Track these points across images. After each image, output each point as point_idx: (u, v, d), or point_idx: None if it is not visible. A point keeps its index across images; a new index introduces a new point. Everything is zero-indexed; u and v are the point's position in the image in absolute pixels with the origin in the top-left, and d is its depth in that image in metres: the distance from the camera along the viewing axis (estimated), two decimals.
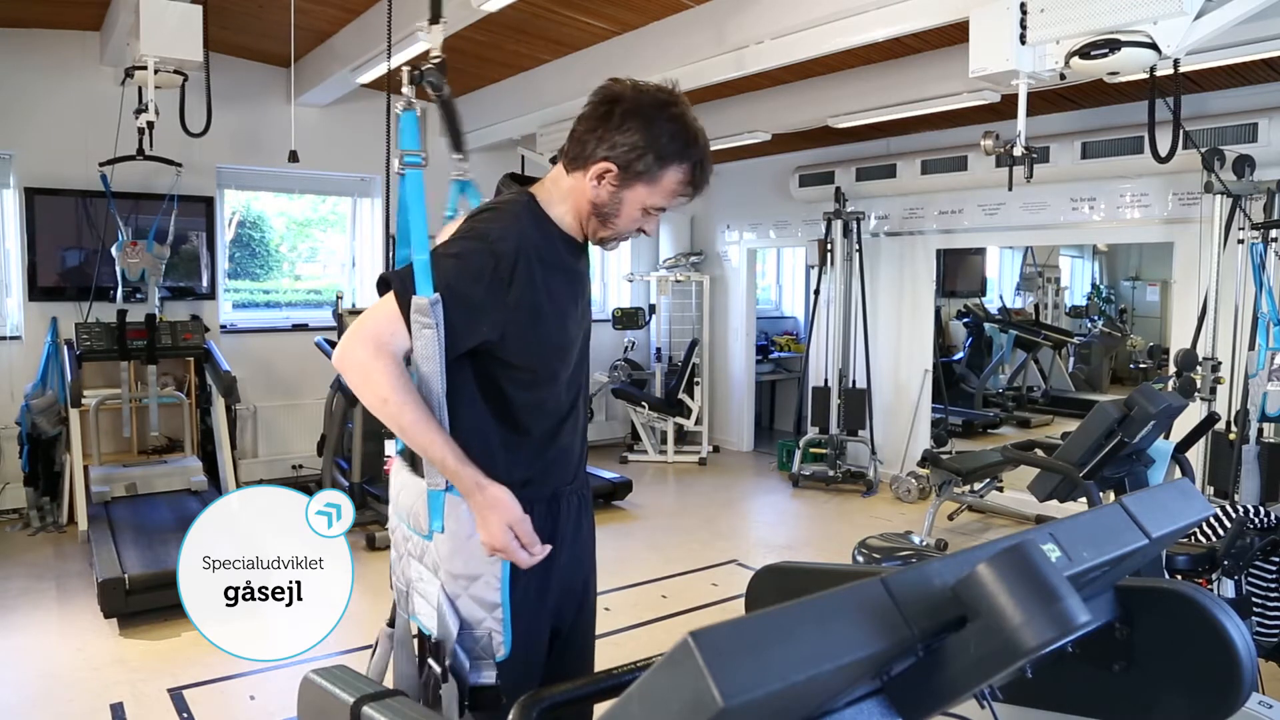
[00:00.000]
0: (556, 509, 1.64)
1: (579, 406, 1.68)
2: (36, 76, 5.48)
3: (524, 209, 1.58)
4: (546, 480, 1.62)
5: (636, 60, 4.82)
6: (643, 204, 1.58)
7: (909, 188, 6.31)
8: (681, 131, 1.54)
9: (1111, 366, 9.01)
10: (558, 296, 1.57)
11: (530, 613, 1.56)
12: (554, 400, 1.62)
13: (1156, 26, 2.79)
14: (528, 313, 1.51)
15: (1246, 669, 1.01)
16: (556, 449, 1.64)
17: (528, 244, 1.52)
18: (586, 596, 1.74)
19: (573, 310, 1.63)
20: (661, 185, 1.56)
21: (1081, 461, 3.04)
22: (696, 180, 1.58)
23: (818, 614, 0.72)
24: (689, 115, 1.55)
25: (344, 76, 5.34)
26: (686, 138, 1.54)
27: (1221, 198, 4.33)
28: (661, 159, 1.53)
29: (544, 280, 1.54)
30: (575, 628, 1.72)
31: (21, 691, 3.31)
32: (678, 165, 1.55)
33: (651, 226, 1.64)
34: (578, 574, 1.70)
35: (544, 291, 1.53)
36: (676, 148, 1.54)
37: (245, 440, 6.30)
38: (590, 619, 1.76)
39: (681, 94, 1.57)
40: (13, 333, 5.66)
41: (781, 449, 7.18)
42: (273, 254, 7.09)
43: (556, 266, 1.58)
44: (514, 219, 1.55)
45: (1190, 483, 1.57)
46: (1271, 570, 2.62)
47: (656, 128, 1.52)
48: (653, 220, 1.63)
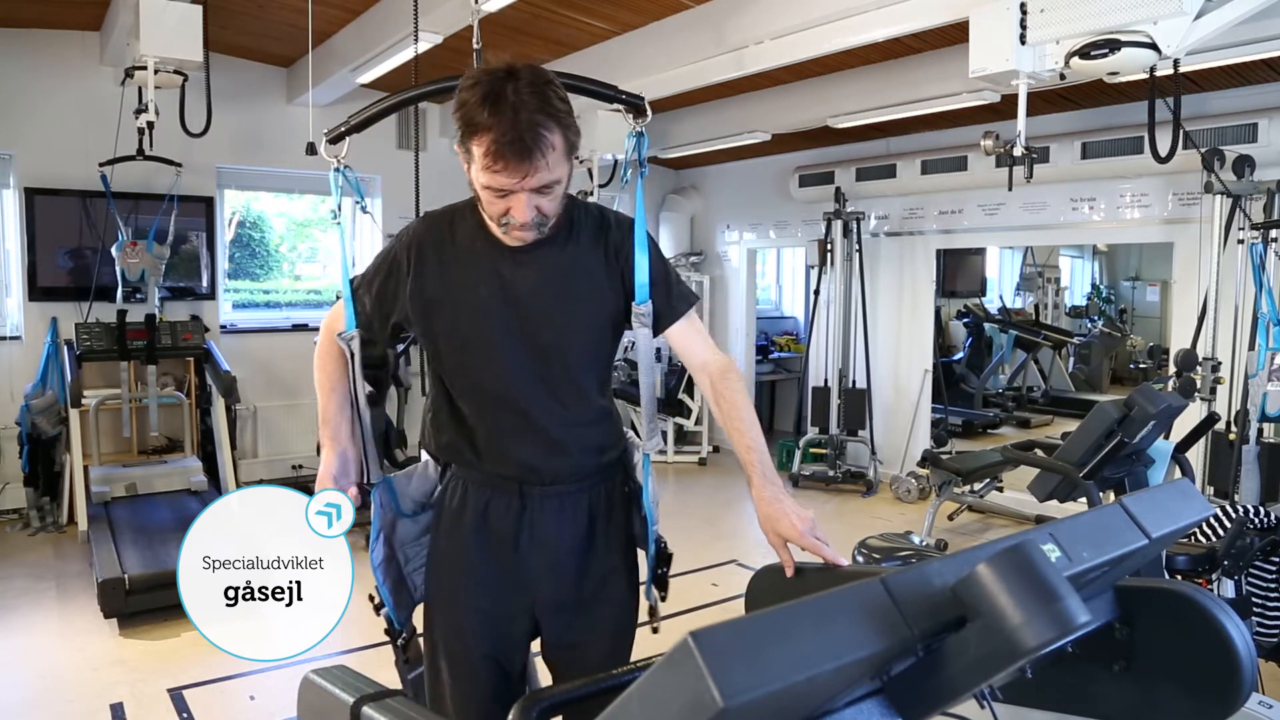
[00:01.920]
0: (500, 504, 1.64)
1: (529, 409, 1.62)
2: (36, 76, 5.48)
3: (449, 208, 1.69)
4: (478, 465, 1.66)
5: (636, 60, 4.82)
6: (480, 183, 1.51)
7: (909, 188, 6.31)
8: (481, 98, 1.43)
9: (1111, 366, 9.02)
10: (463, 289, 1.61)
11: (445, 593, 1.71)
12: (479, 393, 1.64)
13: (1156, 26, 2.79)
14: (421, 302, 1.63)
15: (1246, 669, 1.01)
16: (493, 443, 1.64)
17: (427, 238, 1.65)
18: (580, 607, 1.68)
19: (493, 305, 1.60)
20: (477, 161, 1.47)
21: (1081, 461, 3.04)
22: (495, 151, 1.43)
23: (818, 614, 0.72)
24: (495, 82, 1.44)
25: (344, 76, 5.33)
26: (485, 104, 1.43)
27: (1221, 198, 4.33)
28: (467, 131, 1.47)
29: (441, 272, 1.62)
30: (570, 638, 1.69)
31: (21, 691, 3.31)
32: (479, 138, 1.45)
33: (513, 212, 1.50)
34: (535, 575, 1.65)
35: (438, 282, 1.62)
36: (469, 117, 1.45)
37: (245, 440, 6.30)
38: (593, 634, 1.70)
39: (501, 64, 1.48)
40: (13, 333, 5.66)
41: (781, 449, 7.18)
42: (272, 254, 7.09)
43: (468, 261, 1.61)
44: (425, 218, 1.71)
45: (1190, 483, 1.57)
46: (1271, 570, 2.62)
47: (461, 96, 1.47)
48: (502, 205, 1.50)
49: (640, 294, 1.64)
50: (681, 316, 1.69)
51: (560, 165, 1.49)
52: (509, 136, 1.42)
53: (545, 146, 1.44)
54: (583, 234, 1.65)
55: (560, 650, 1.72)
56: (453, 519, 1.69)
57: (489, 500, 1.66)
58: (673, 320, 1.68)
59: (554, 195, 1.53)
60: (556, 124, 1.46)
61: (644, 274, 1.64)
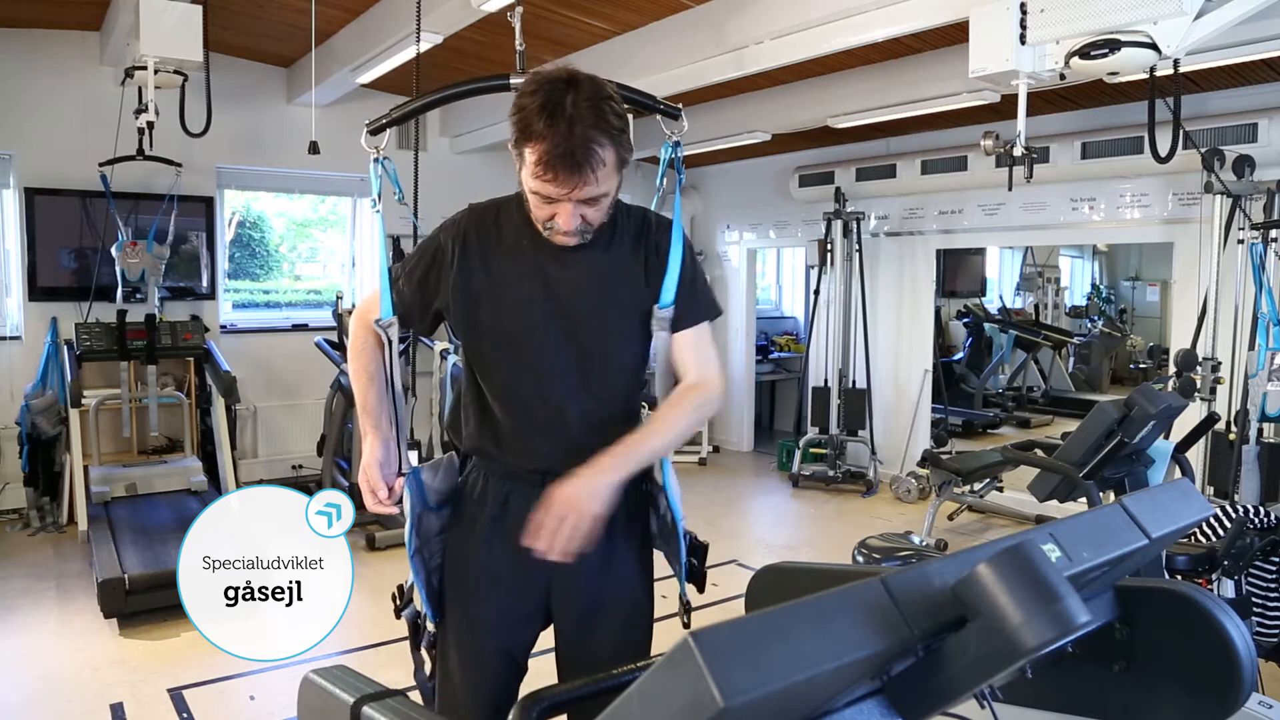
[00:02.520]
0: (520, 497, 1.64)
1: (564, 406, 1.63)
2: (36, 76, 5.48)
3: (494, 202, 1.70)
4: (501, 458, 1.67)
5: (636, 60, 4.82)
6: (529, 187, 1.53)
7: (909, 188, 6.31)
8: (540, 106, 1.45)
9: (1111, 366, 9.01)
10: (503, 282, 1.63)
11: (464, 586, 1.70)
12: (514, 387, 1.65)
13: (1156, 26, 2.79)
14: (463, 294, 1.64)
15: (1246, 669, 1.01)
16: (520, 437, 1.64)
17: (472, 231, 1.66)
18: (594, 605, 1.68)
19: (535, 302, 1.62)
20: (529, 166, 1.49)
21: (1081, 461, 3.04)
22: (547, 162, 1.45)
23: (818, 614, 0.72)
24: (555, 91, 1.46)
25: (344, 76, 5.33)
26: (542, 113, 1.44)
27: (1221, 198, 4.33)
28: (521, 137, 1.49)
29: (485, 266, 1.64)
30: (583, 638, 1.69)
31: (21, 691, 3.31)
32: (532, 145, 1.47)
33: (559, 219, 1.53)
34: (551, 572, 1.63)
35: (483, 275, 1.64)
36: (525, 123, 1.47)
37: (245, 440, 6.30)
38: (607, 636, 1.69)
39: (563, 72, 1.50)
40: (13, 333, 5.66)
41: (781, 449, 7.18)
42: (272, 254, 7.09)
43: (513, 257, 1.63)
44: (470, 211, 1.70)
45: (1190, 483, 1.57)
46: (1271, 570, 2.62)
47: (520, 101, 1.49)
48: (548, 210, 1.53)
49: (665, 297, 1.65)
50: (695, 325, 1.68)
51: (609, 179, 1.52)
52: (561, 149, 1.45)
53: (596, 162, 1.47)
54: (626, 237, 1.67)
55: (572, 647, 1.72)
56: (473, 510, 1.69)
57: (509, 492, 1.66)
58: (686, 325, 1.67)
59: (600, 206, 1.56)
60: (610, 140, 1.49)
61: (674, 277, 1.65)
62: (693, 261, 1.70)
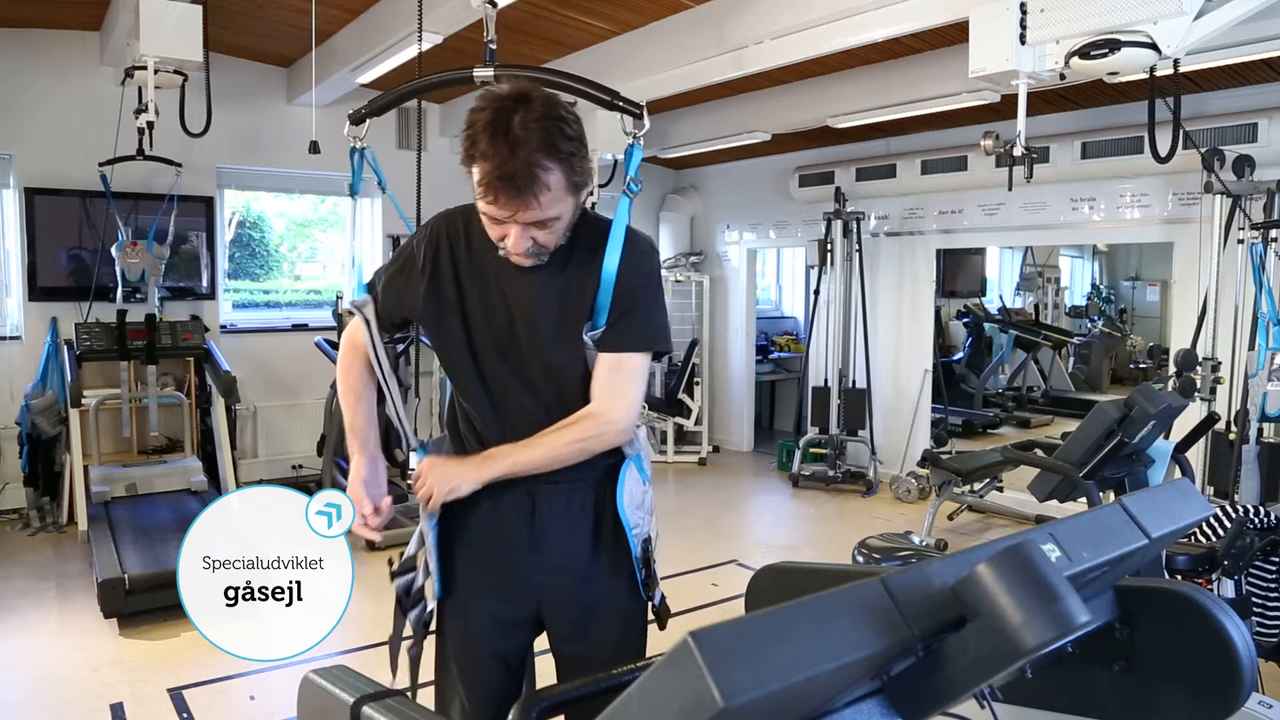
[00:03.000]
0: (510, 499, 1.63)
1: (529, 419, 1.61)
2: (36, 76, 5.48)
3: (468, 208, 1.63)
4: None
5: (636, 60, 4.82)
6: (479, 208, 1.50)
7: (909, 188, 6.31)
8: (485, 124, 1.41)
9: (1111, 366, 9.01)
10: (472, 298, 1.62)
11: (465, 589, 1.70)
12: (484, 398, 1.64)
13: (1156, 26, 2.79)
14: (433, 302, 1.64)
15: (1246, 669, 1.01)
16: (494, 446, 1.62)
17: (444, 240, 1.64)
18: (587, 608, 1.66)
19: (498, 317, 1.60)
20: (475, 186, 1.46)
21: (1081, 461, 3.04)
22: (488, 184, 1.42)
23: (818, 614, 0.72)
24: (503, 110, 1.41)
25: (344, 76, 5.34)
26: (486, 131, 1.41)
27: (1221, 198, 4.33)
28: (466, 155, 1.46)
29: (454, 275, 1.63)
30: (578, 640, 1.68)
31: (21, 691, 3.31)
32: (476, 164, 1.44)
33: (508, 241, 1.49)
34: (543, 576, 1.65)
35: (451, 286, 1.63)
36: (471, 140, 1.44)
37: (245, 440, 6.30)
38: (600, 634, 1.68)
39: (517, 89, 1.45)
40: (13, 333, 5.66)
41: (781, 449, 7.18)
42: (272, 254, 7.09)
43: (478, 270, 1.62)
44: (444, 217, 1.68)
45: (1190, 483, 1.57)
46: (1271, 570, 2.62)
47: (470, 117, 1.46)
48: (498, 231, 1.50)
49: (597, 318, 1.58)
50: (618, 352, 1.59)
51: (558, 203, 1.47)
52: (502, 172, 1.41)
53: (539, 187, 1.42)
54: (582, 254, 1.60)
55: (567, 649, 1.71)
56: (462, 515, 1.67)
57: (497, 500, 1.64)
58: (607, 349, 1.59)
59: (552, 229, 1.51)
60: (557, 163, 1.43)
61: (606, 295, 1.57)
62: (639, 286, 1.60)
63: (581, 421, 1.58)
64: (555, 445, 1.58)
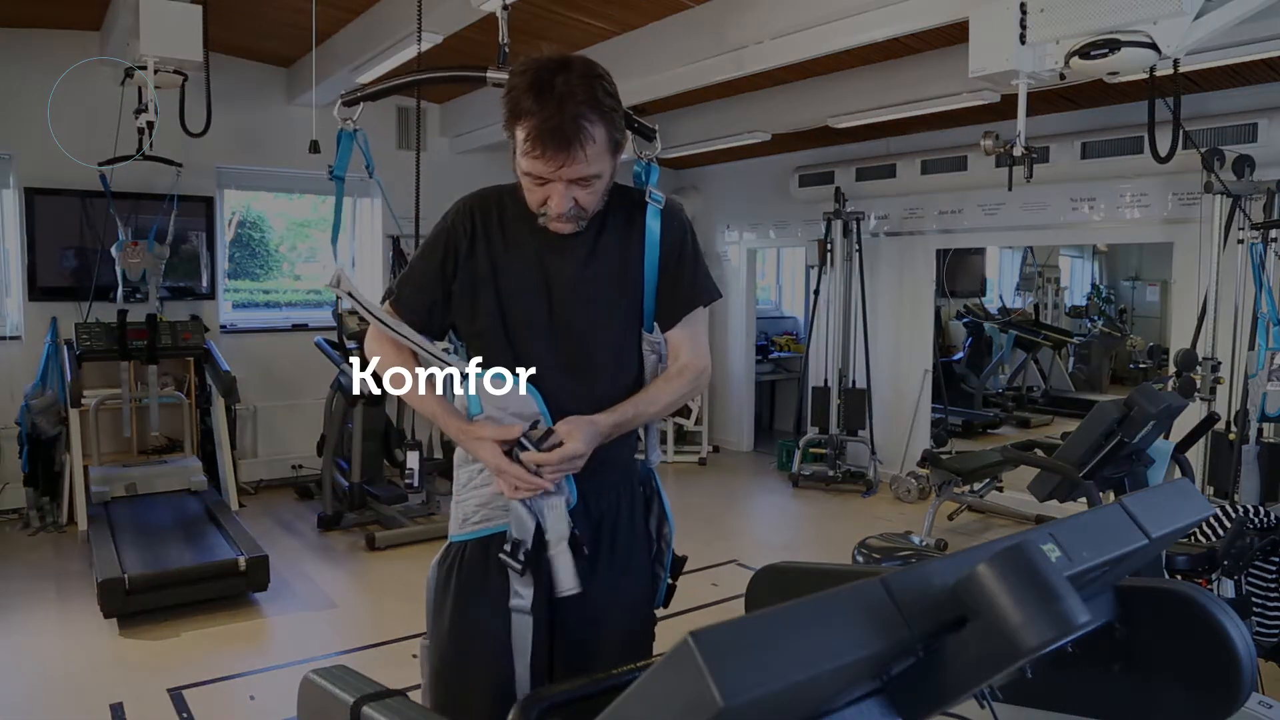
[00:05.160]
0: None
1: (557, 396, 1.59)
2: (36, 77, 5.48)
3: (498, 189, 1.67)
4: None
5: (636, 60, 4.82)
6: (521, 169, 1.53)
7: (909, 188, 6.31)
8: (529, 85, 1.45)
9: (1111, 366, 9.02)
10: (502, 272, 1.63)
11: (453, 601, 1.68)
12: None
13: (1156, 26, 2.78)
14: (469, 278, 1.64)
15: (1246, 669, 1.01)
16: None
17: (478, 216, 1.64)
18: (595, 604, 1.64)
19: (533, 291, 1.62)
20: (519, 145, 1.50)
21: (1081, 461, 3.04)
22: (535, 137, 1.45)
23: (818, 614, 0.72)
24: (545, 71, 1.46)
25: (344, 76, 5.34)
26: (531, 90, 1.45)
27: (1221, 198, 4.33)
28: (511, 116, 1.49)
29: (489, 252, 1.63)
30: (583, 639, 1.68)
31: (21, 691, 3.31)
32: (521, 122, 1.48)
33: (551, 202, 1.53)
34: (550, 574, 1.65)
35: (486, 262, 1.63)
36: (515, 102, 1.47)
37: (245, 440, 6.30)
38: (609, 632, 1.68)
39: (556, 55, 1.49)
40: (13, 333, 5.66)
41: (781, 449, 7.18)
42: (272, 254, 7.09)
43: (513, 244, 1.63)
44: (477, 196, 1.68)
45: (1190, 483, 1.57)
46: (1271, 570, 2.62)
47: (511, 81, 1.50)
48: (541, 193, 1.54)
49: (646, 303, 1.65)
50: (679, 321, 1.68)
51: (600, 160, 1.51)
52: (551, 124, 1.44)
53: (585, 138, 1.46)
54: (619, 219, 1.66)
55: (573, 647, 1.71)
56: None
57: None
58: (670, 326, 1.68)
59: (593, 190, 1.55)
60: (600, 117, 1.48)
61: (654, 256, 1.65)
62: (683, 243, 1.68)
63: (684, 373, 1.67)
64: (668, 398, 1.66)
